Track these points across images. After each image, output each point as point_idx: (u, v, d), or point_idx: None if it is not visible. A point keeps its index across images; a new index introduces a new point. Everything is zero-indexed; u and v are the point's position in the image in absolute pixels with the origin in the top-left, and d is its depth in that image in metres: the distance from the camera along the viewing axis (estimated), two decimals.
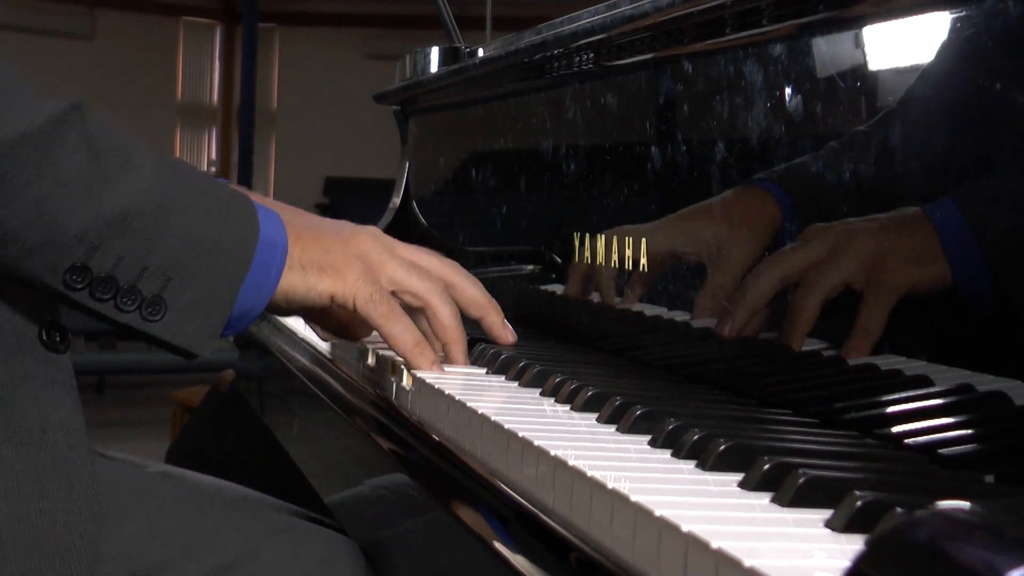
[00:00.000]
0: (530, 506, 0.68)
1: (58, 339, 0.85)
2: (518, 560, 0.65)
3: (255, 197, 0.91)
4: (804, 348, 0.84)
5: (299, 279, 0.91)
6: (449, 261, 1.02)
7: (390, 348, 0.98)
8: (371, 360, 1.07)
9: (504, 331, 1.04)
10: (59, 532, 0.81)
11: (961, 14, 0.72)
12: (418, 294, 0.96)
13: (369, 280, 0.94)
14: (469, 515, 0.75)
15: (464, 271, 1.02)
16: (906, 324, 0.76)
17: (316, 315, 1.04)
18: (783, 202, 0.89)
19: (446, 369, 0.97)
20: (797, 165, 0.86)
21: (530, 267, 1.37)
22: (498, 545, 0.68)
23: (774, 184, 0.89)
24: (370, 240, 0.96)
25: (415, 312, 0.98)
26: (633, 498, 0.56)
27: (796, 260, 0.85)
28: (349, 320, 1.05)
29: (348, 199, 10.66)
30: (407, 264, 0.96)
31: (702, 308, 0.98)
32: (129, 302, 0.82)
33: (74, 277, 0.80)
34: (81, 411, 0.85)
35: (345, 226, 0.97)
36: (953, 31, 0.73)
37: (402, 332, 0.95)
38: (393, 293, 0.95)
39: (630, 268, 1.09)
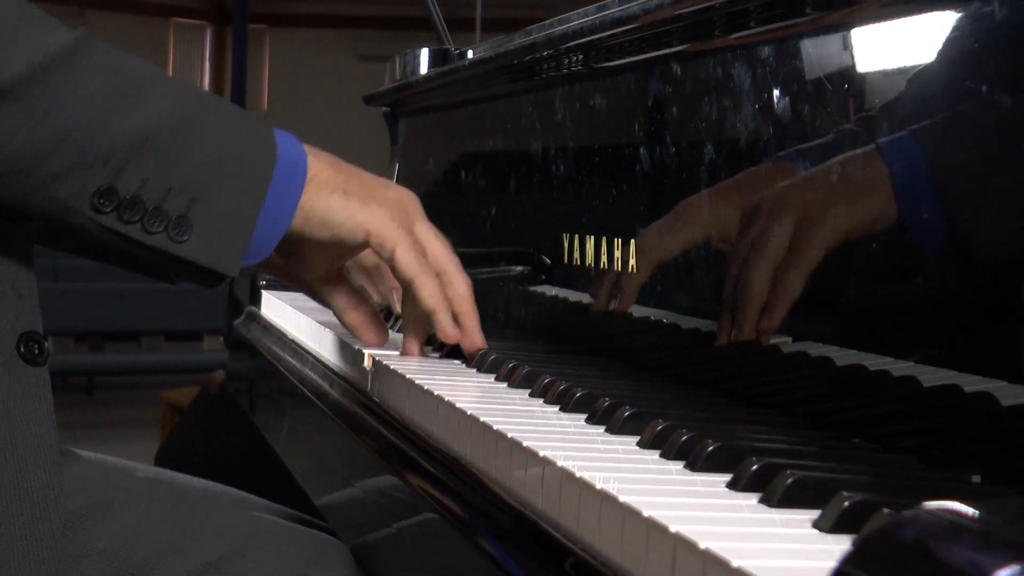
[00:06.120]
0: (519, 507, 0.68)
1: (37, 351, 0.84)
2: (507, 561, 0.65)
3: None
4: (792, 349, 0.84)
5: (340, 204, 0.90)
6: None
7: (411, 303, 0.97)
8: (367, 363, 1.07)
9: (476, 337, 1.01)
10: (17, 561, 0.79)
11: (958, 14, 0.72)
12: (438, 259, 0.96)
13: (405, 230, 0.93)
14: (458, 516, 0.75)
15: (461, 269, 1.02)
16: (894, 325, 0.76)
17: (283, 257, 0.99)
18: None
19: (439, 368, 0.98)
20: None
21: (519, 268, 1.37)
22: (487, 546, 0.68)
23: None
24: (404, 192, 0.96)
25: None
26: (621, 499, 0.56)
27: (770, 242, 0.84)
28: (325, 270, 1.00)
29: None
30: (433, 229, 0.97)
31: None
32: (156, 223, 0.81)
33: (102, 200, 0.80)
34: (54, 422, 0.83)
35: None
36: (944, 32, 0.73)
37: (434, 287, 0.94)
38: None
39: (619, 269, 1.09)
